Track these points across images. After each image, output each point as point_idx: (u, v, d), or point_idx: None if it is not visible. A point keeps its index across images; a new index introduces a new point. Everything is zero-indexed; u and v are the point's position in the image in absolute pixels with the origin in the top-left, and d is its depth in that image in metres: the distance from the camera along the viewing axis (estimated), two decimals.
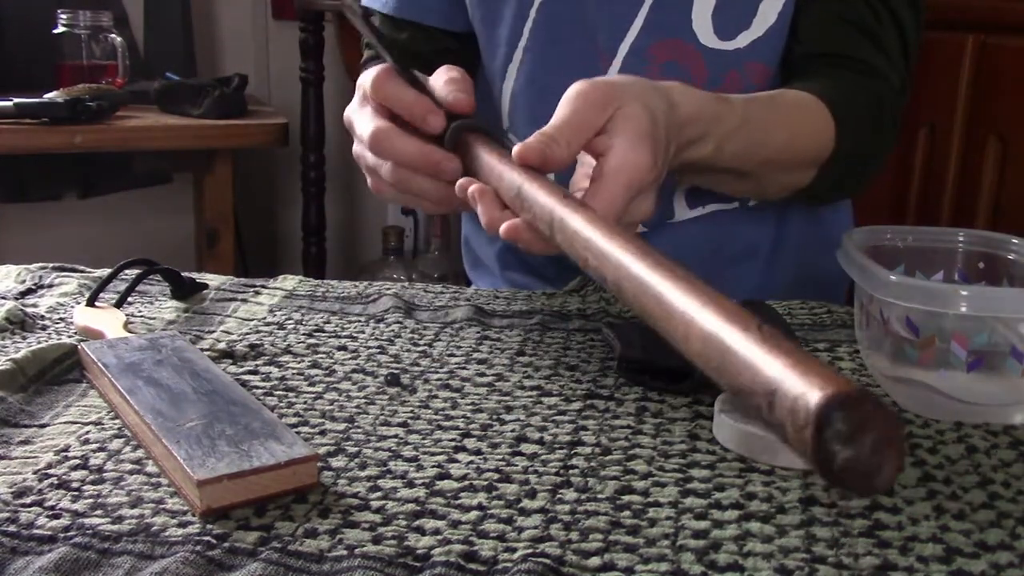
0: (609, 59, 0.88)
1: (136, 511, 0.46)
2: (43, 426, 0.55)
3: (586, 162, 0.66)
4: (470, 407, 0.59)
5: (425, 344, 0.70)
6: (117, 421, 0.56)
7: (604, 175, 0.60)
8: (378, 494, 0.48)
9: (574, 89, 0.64)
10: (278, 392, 0.61)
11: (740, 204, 0.92)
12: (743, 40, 0.86)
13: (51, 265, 0.84)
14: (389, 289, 0.81)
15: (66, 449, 0.52)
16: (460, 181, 0.62)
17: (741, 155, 0.74)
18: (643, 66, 0.87)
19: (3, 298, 0.76)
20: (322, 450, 0.53)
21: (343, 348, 0.68)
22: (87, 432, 0.54)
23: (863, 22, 0.84)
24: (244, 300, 0.78)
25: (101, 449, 0.53)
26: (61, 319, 0.73)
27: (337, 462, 0.52)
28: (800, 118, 0.80)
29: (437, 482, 0.50)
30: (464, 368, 0.65)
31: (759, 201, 0.92)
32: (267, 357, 0.66)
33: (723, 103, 0.72)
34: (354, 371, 0.64)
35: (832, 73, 0.83)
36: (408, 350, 0.68)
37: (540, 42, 0.90)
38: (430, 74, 0.95)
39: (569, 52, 0.89)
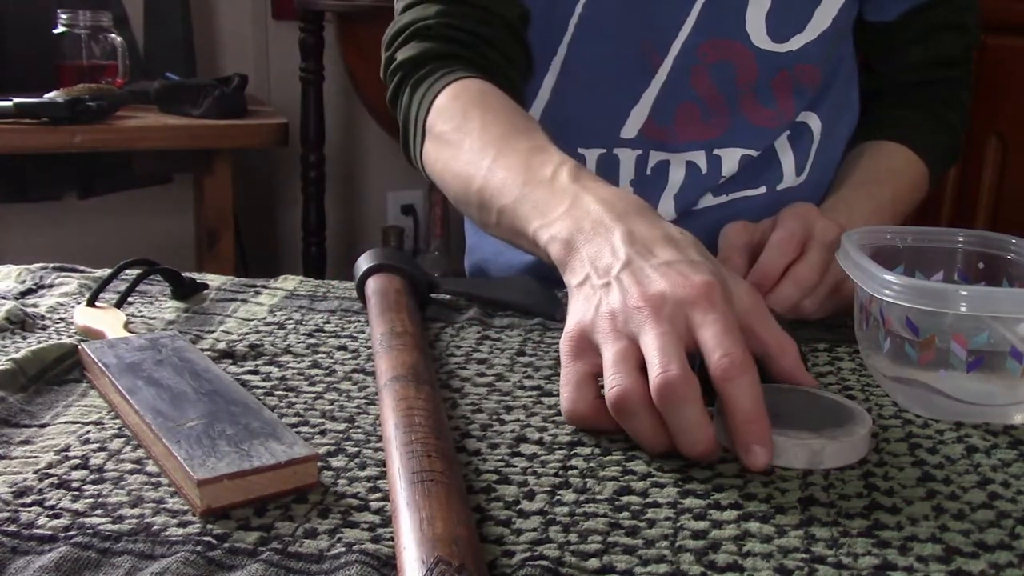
0: (660, 58, 0.87)
1: (136, 511, 0.46)
2: (43, 426, 0.55)
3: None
4: (470, 407, 0.59)
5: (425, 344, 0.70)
6: (117, 421, 0.56)
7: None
8: (378, 494, 0.48)
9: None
10: (278, 392, 0.61)
11: (767, 189, 0.92)
12: (796, 43, 0.87)
13: (51, 265, 0.84)
14: None
15: (66, 449, 0.52)
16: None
17: (899, 212, 0.88)
18: (693, 66, 0.87)
19: (3, 298, 0.76)
20: (322, 450, 0.53)
21: (343, 348, 0.68)
22: (87, 432, 0.55)
23: (948, 52, 0.95)
24: (244, 300, 0.78)
25: (101, 449, 0.53)
26: (61, 319, 0.73)
27: (337, 462, 0.52)
28: (906, 166, 0.92)
29: None
30: (464, 368, 0.65)
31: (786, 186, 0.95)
32: (267, 357, 0.66)
33: (876, 211, 0.84)
34: (354, 371, 0.64)
35: (910, 109, 0.95)
36: None
37: (586, 38, 0.88)
38: (512, 38, 0.87)
39: (616, 49, 0.88)
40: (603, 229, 0.58)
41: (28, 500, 0.47)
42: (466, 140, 0.75)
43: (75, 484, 0.49)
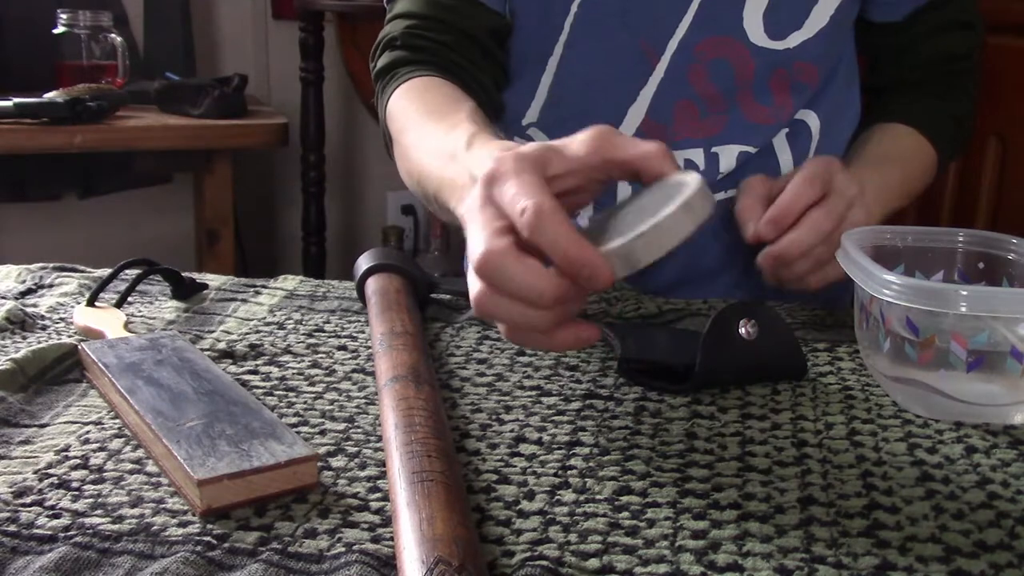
0: (656, 55, 0.88)
1: (136, 511, 0.46)
2: (43, 426, 0.55)
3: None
4: (469, 407, 0.59)
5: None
6: (117, 421, 0.56)
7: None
8: (378, 494, 0.48)
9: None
10: (278, 392, 0.61)
11: None
12: (793, 40, 0.87)
13: (51, 265, 0.84)
14: None
15: (66, 449, 0.52)
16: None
17: (907, 193, 0.90)
18: (691, 63, 0.87)
19: (3, 298, 0.76)
20: (322, 450, 0.53)
21: (343, 348, 0.68)
22: (87, 432, 0.55)
23: (953, 51, 0.96)
24: (244, 300, 0.78)
25: (101, 449, 0.53)
26: (61, 319, 0.73)
27: (337, 462, 0.52)
28: (916, 148, 0.93)
29: None
30: (464, 368, 0.65)
31: None
32: (267, 357, 0.66)
33: (885, 189, 0.86)
34: (354, 371, 0.64)
35: (919, 98, 0.96)
36: None
37: (582, 37, 0.88)
38: (477, 48, 0.88)
39: (613, 48, 0.88)
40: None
41: (28, 500, 0.47)
42: (407, 137, 0.78)
43: (75, 484, 0.49)
